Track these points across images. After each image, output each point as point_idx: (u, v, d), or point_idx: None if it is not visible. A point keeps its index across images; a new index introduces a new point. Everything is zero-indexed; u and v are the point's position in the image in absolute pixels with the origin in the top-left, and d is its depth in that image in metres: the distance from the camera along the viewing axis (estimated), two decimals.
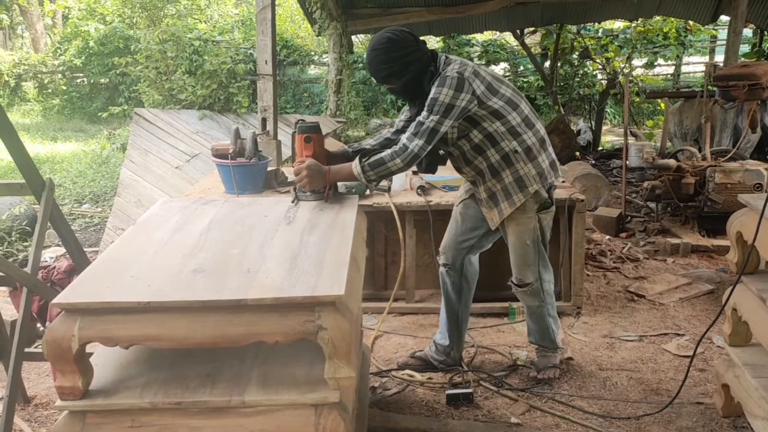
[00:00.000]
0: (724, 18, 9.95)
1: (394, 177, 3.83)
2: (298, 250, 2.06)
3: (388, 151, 2.63)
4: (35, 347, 2.93)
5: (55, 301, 1.74)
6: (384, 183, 4.09)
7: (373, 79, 2.79)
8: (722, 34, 13.98)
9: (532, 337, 3.21)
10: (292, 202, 2.57)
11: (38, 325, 3.41)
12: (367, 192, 3.90)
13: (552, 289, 3.12)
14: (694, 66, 16.54)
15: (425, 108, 2.63)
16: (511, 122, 2.75)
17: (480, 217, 3.00)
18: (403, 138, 2.65)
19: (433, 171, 2.85)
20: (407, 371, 3.25)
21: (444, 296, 3.24)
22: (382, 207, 3.83)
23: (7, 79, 16.07)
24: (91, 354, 1.90)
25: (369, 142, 2.91)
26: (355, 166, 2.61)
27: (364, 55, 2.77)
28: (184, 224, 2.33)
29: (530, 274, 2.98)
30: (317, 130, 2.67)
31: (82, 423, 1.79)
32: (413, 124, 2.66)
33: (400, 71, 2.66)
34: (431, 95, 2.61)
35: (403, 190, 4.13)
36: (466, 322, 3.29)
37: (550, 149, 2.92)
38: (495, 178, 2.82)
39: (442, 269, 3.21)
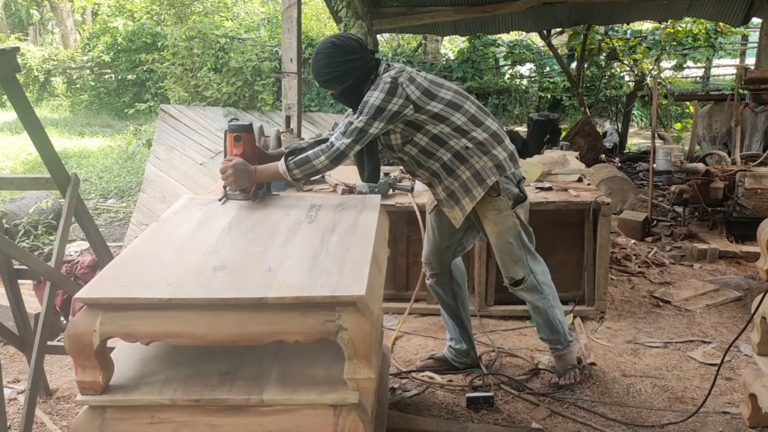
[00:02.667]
0: (756, 20, 9.77)
1: None
2: (320, 249, 2.04)
3: (315, 150, 2.62)
4: (58, 340, 2.96)
5: (77, 295, 1.75)
6: (407, 183, 4.07)
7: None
8: (753, 36, 13.75)
9: (542, 333, 3.14)
10: (219, 200, 2.56)
11: (61, 318, 3.44)
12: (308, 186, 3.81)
13: (548, 279, 3.06)
14: (724, 68, 16.30)
15: (357, 110, 2.63)
16: (456, 122, 2.73)
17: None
18: (332, 137, 2.64)
19: (375, 180, 2.85)
20: (427, 373, 3.23)
21: (442, 304, 3.23)
22: (405, 207, 3.81)
23: (36, 74, 16.33)
24: (112, 349, 1.90)
25: (304, 142, 2.90)
26: (280, 165, 2.59)
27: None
28: (206, 221, 2.33)
29: (520, 270, 2.94)
30: (248, 130, 2.66)
31: (102, 418, 1.79)
32: (343, 124, 2.66)
33: (341, 77, 2.67)
34: (364, 98, 2.62)
35: (426, 190, 4.09)
36: (470, 321, 3.30)
37: (507, 142, 2.87)
38: (451, 176, 2.79)
39: (430, 280, 3.19)
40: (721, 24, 11.79)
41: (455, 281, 3.19)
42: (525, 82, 15.17)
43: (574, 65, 12.26)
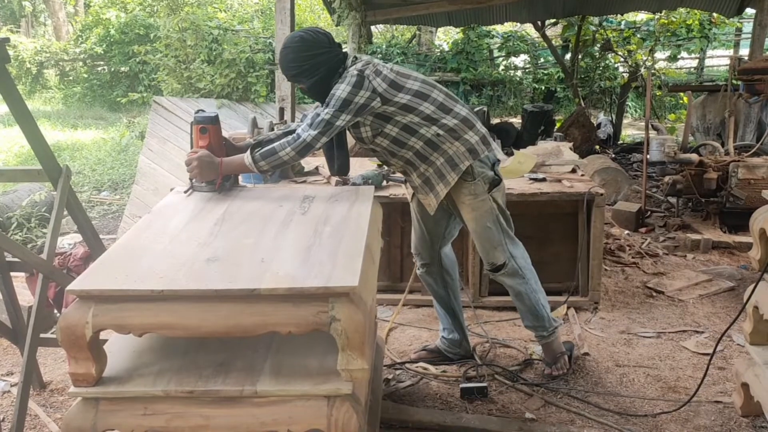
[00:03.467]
0: (750, 11, 9.77)
1: None
2: (313, 240, 2.04)
3: (281, 141, 2.61)
4: (51, 333, 2.95)
5: (69, 287, 1.74)
6: (401, 174, 4.06)
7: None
8: (747, 27, 13.76)
9: (526, 321, 3.12)
10: (185, 192, 2.56)
11: (54, 311, 3.44)
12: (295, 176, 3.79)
13: (528, 263, 3.04)
14: (718, 59, 16.32)
15: (324, 103, 2.63)
16: (425, 111, 2.73)
17: (439, 209, 2.96)
18: (299, 129, 2.64)
19: (344, 173, 2.86)
20: (422, 364, 3.24)
21: (433, 294, 3.24)
22: (399, 198, 3.81)
23: (29, 66, 16.24)
24: (105, 341, 1.90)
25: (272, 133, 2.89)
26: (246, 156, 2.58)
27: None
28: (199, 213, 2.33)
29: (500, 255, 2.93)
30: (214, 122, 2.65)
31: (96, 410, 1.79)
32: (310, 116, 2.67)
33: (309, 71, 2.67)
34: (331, 91, 2.62)
35: None
36: (462, 311, 3.30)
37: (479, 126, 2.86)
38: (425, 163, 2.80)
39: (420, 270, 3.20)
40: (714, 15, 11.79)
41: (445, 270, 3.19)
42: (519, 73, 15.18)
43: (568, 56, 12.25)
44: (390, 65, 2.78)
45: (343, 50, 2.77)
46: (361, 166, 4.23)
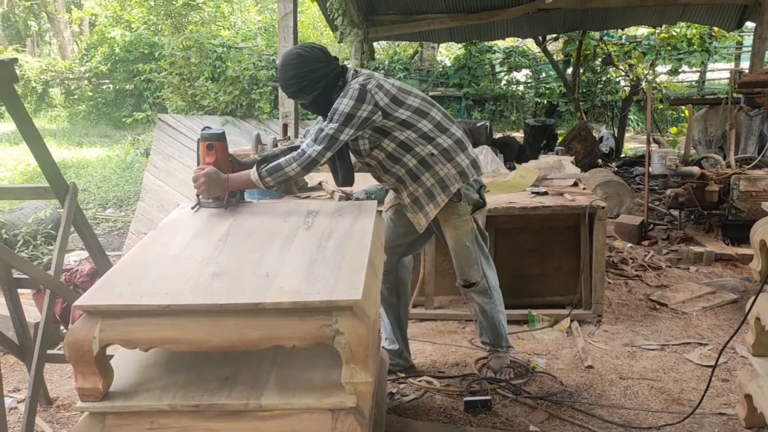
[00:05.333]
0: (750, 24, 9.82)
1: None
2: (317, 255, 2.06)
3: (287, 157, 2.64)
4: (58, 349, 2.97)
5: (76, 303, 1.76)
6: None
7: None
8: (747, 40, 13.81)
9: (484, 336, 3.26)
10: (192, 208, 2.57)
11: (61, 327, 3.46)
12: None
13: (496, 283, 3.17)
14: (719, 73, 16.35)
15: (327, 117, 2.67)
16: (423, 129, 2.79)
17: (412, 223, 3.00)
18: (303, 144, 2.67)
19: (349, 183, 2.90)
20: (425, 377, 3.25)
21: (384, 302, 3.26)
22: None
23: (34, 85, 16.36)
24: (111, 356, 1.92)
25: (276, 149, 2.92)
26: (252, 173, 2.61)
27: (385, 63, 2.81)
28: (204, 228, 2.35)
29: (475, 273, 3.04)
30: (221, 138, 2.68)
31: (102, 424, 1.80)
32: (314, 131, 2.70)
33: (309, 86, 2.72)
34: (334, 105, 2.66)
35: None
36: (407, 322, 3.37)
37: (470, 149, 2.94)
38: (416, 183, 2.85)
39: None
40: (715, 29, 11.85)
41: (400, 280, 3.26)
42: (521, 87, 15.24)
43: (569, 71, 12.31)
44: (392, 80, 2.83)
45: (342, 64, 2.81)
46: (363, 182, 4.25)
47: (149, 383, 1.89)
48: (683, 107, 11.58)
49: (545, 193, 4.14)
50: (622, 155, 10.71)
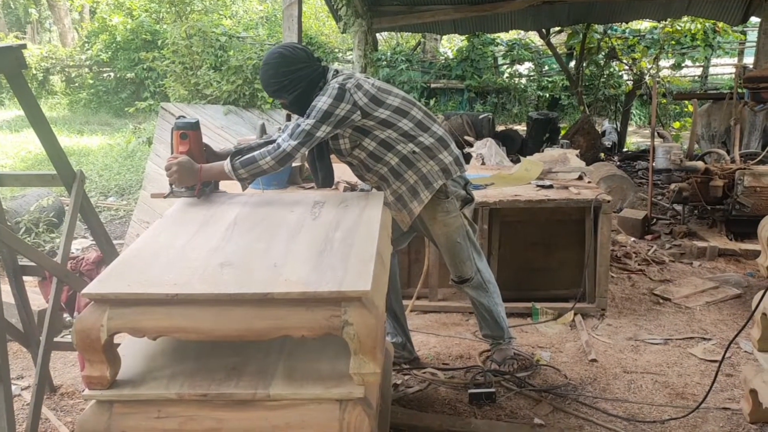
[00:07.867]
0: (755, 19, 9.78)
1: None
2: (324, 245, 2.06)
3: (261, 150, 2.63)
4: (62, 337, 2.97)
5: (84, 291, 1.76)
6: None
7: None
8: (752, 35, 13.77)
9: (485, 330, 3.26)
10: (165, 197, 2.57)
11: (65, 315, 3.45)
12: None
13: (491, 277, 3.18)
14: (722, 68, 16.33)
15: (305, 114, 2.67)
16: (403, 128, 2.80)
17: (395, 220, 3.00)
18: (279, 139, 2.67)
19: (329, 185, 2.91)
20: (429, 369, 3.25)
21: None
22: None
23: (35, 72, 16.31)
24: (119, 344, 1.92)
25: (253, 142, 2.91)
26: (226, 164, 2.60)
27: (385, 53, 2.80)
28: (211, 218, 2.34)
29: (468, 270, 3.05)
30: (195, 128, 2.66)
31: (109, 412, 1.80)
32: (291, 126, 2.70)
33: (290, 86, 2.71)
34: (312, 102, 2.66)
35: None
36: (404, 314, 3.37)
37: (453, 147, 2.95)
38: (399, 180, 2.85)
39: None
40: (719, 23, 11.80)
41: (390, 274, 3.24)
42: (524, 80, 15.20)
43: (572, 64, 12.27)
44: (372, 80, 2.83)
45: (323, 64, 2.81)
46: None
47: (157, 372, 1.89)
48: (687, 102, 11.55)
49: (550, 187, 4.13)
50: (625, 149, 10.69)
